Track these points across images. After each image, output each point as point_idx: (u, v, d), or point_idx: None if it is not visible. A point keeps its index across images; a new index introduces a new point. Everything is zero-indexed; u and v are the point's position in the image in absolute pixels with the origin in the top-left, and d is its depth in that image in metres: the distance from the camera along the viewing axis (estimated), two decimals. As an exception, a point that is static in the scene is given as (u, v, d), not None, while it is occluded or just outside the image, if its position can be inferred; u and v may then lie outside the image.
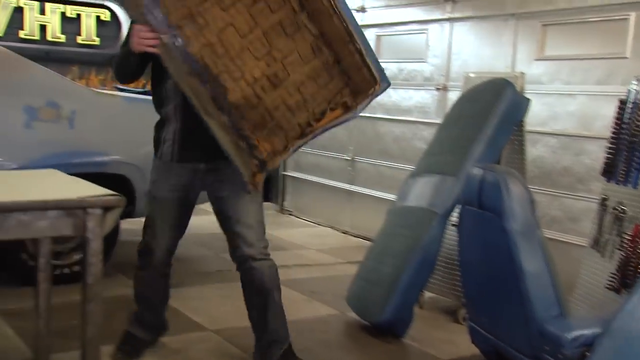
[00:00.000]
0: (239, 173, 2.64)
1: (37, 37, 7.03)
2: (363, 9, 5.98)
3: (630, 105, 3.22)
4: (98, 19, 7.19)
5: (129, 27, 2.67)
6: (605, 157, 3.33)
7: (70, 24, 7.09)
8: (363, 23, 5.93)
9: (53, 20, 7.07)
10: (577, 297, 3.35)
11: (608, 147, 3.32)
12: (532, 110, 3.90)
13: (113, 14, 7.24)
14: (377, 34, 5.85)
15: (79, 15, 7.12)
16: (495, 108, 3.61)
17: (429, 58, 5.35)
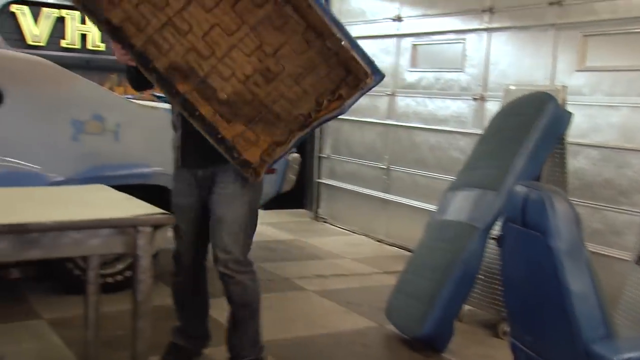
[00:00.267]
0: (238, 171, 2.67)
1: (78, 46, 7.19)
2: (399, 18, 5.97)
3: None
4: (136, 28, 7.33)
5: None
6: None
7: (110, 33, 7.24)
8: (399, 32, 5.95)
9: (93, 30, 7.22)
10: (620, 313, 3.30)
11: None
12: (572, 122, 3.86)
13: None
14: (413, 43, 5.83)
15: (118, 25, 7.27)
16: (537, 122, 3.58)
17: (466, 68, 5.32)
